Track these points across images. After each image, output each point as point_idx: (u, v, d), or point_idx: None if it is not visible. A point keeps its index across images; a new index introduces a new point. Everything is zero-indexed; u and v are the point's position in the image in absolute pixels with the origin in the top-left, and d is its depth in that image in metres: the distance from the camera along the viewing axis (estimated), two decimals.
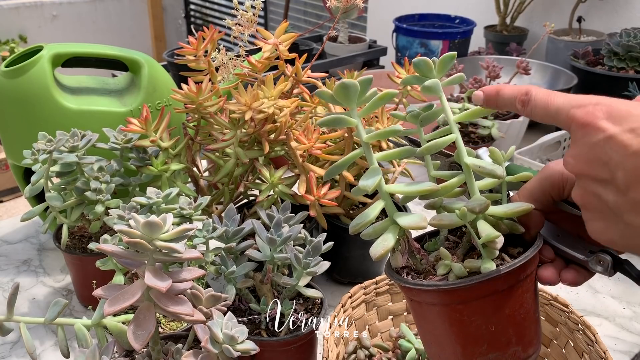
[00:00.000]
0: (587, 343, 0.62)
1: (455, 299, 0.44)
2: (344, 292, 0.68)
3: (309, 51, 1.49)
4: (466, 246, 0.48)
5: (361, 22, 2.64)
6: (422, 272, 0.48)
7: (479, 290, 0.43)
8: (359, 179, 0.77)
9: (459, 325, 0.45)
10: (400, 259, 0.48)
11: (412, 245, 0.48)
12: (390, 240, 0.46)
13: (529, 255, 0.43)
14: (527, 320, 0.46)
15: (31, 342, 0.51)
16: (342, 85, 0.44)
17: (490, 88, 0.44)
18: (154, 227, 0.45)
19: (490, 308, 0.44)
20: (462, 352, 0.46)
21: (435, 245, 0.51)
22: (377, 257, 0.45)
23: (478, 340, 0.45)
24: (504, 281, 0.43)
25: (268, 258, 0.61)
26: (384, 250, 0.45)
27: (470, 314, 0.44)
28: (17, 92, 0.80)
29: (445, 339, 0.47)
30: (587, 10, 1.78)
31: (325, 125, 0.46)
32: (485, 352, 0.45)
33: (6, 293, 0.84)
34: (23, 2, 3.18)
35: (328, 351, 0.59)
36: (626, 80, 1.35)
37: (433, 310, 0.46)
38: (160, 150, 0.77)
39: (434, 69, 0.47)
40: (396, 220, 0.46)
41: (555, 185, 0.44)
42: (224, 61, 0.77)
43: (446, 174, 0.49)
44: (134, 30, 3.70)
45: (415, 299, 0.48)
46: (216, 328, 0.49)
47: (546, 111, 0.40)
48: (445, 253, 0.46)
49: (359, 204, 0.85)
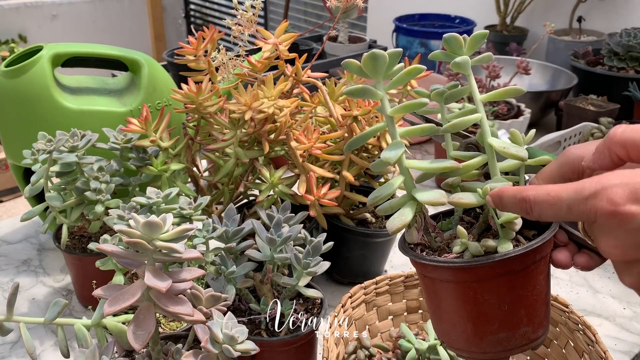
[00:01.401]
0: (587, 343, 0.62)
1: (471, 277, 0.44)
2: (344, 292, 0.68)
3: (309, 51, 1.49)
4: (482, 226, 0.48)
5: (361, 22, 2.64)
6: (436, 250, 0.48)
7: (495, 269, 0.44)
8: (359, 179, 0.78)
9: (472, 303, 0.45)
10: (415, 235, 0.47)
11: (428, 222, 0.48)
12: (407, 215, 0.45)
13: (545, 238, 0.44)
14: (539, 302, 0.46)
15: (31, 342, 0.51)
16: (372, 56, 0.43)
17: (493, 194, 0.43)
18: (153, 227, 0.45)
19: (504, 288, 0.44)
20: (473, 329, 0.46)
21: (450, 225, 0.51)
22: (393, 231, 0.45)
23: (490, 319, 0.45)
24: (520, 261, 0.43)
25: (268, 258, 0.61)
26: (400, 224, 0.45)
27: (484, 292, 0.44)
28: (17, 92, 0.80)
29: (456, 316, 0.47)
30: (587, 10, 1.78)
31: (350, 95, 0.46)
32: (495, 331, 0.45)
33: (6, 293, 0.84)
34: (23, 2, 3.18)
35: (328, 351, 0.59)
36: (626, 80, 1.35)
37: (447, 287, 0.46)
38: (160, 150, 0.77)
39: (464, 46, 0.47)
40: (415, 195, 0.46)
41: (575, 170, 0.44)
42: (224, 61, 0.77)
43: (466, 155, 0.49)
44: (134, 30, 3.70)
45: (429, 275, 0.48)
46: (216, 328, 0.49)
47: (556, 212, 0.38)
48: (462, 231, 0.46)
49: (359, 204, 0.85)
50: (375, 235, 0.80)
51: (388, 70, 0.45)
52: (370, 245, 0.81)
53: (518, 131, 0.48)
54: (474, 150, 0.51)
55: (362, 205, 0.84)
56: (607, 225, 0.36)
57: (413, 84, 0.78)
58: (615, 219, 0.35)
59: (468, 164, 0.47)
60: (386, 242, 0.83)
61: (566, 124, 1.29)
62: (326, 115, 0.79)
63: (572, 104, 1.32)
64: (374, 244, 0.81)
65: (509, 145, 0.45)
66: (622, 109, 1.33)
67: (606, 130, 1.16)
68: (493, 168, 0.46)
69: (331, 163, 0.76)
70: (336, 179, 0.76)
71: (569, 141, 1.18)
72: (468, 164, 0.47)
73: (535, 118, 1.40)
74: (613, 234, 0.36)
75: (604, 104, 1.32)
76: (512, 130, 0.48)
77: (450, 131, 0.47)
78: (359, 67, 0.45)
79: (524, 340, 0.46)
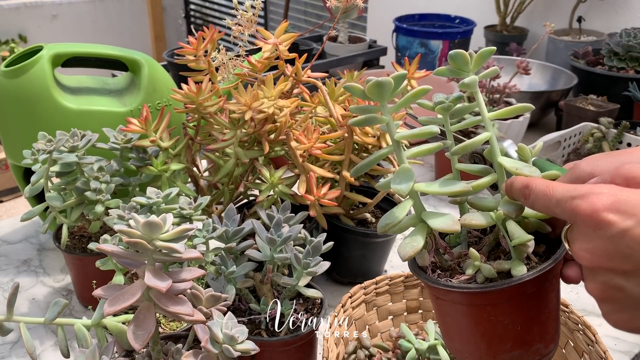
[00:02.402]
0: (587, 343, 0.62)
1: (484, 300, 0.45)
2: (344, 292, 0.68)
3: (309, 51, 1.49)
4: (492, 244, 0.49)
5: (361, 22, 2.64)
6: (447, 269, 0.48)
7: (509, 292, 0.44)
8: (359, 179, 0.78)
9: (485, 325, 0.46)
10: (427, 257, 0.48)
11: (439, 243, 0.48)
12: (419, 241, 0.45)
13: (557, 257, 0.44)
14: (551, 319, 0.47)
15: (31, 342, 0.51)
16: (377, 84, 0.44)
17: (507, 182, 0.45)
18: (154, 227, 0.45)
19: (518, 309, 0.45)
20: (486, 349, 0.47)
21: (457, 239, 0.51)
22: (406, 258, 0.45)
23: (503, 339, 0.46)
24: (533, 284, 0.44)
25: (268, 258, 0.61)
26: (413, 252, 0.45)
27: (497, 314, 0.45)
28: (17, 92, 0.80)
29: (469, 336, 0.47)
30: (587, 10, 1.78)
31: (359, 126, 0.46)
32: (508, 350, 0.46)
33: (6, 293, 0.84)
34: (23, 2, 3.18)
35: (328, 351, 0.59)
36: (626, 80, 1.35)
37: (460, 309, 0.47)
38: (160, 150, 0.77)
39: (470, 63, 0.47)
40: (427, 221, 0.46)
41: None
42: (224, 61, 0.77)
43: (473, 168, 0.49)
44: (134, 30, 3.70)
45: (441, 297, 0.48)
46: (216, 328, 0.49)
47: (547, 203, 0.40)
48: (474, 254, 0.46)
49: (359, 204, 0.85)
50: (375, 235, 0.80)
51: (392, 93, 0.45)
52: (370, 245, 0.81)
53: (526, 147, 0.48)
54: (479, 160, 0.52)
55: (362, 205, 0.84)
56: (583, 228, 0.37)
57: (413, 84, 0.78)
58: (592, 223, 0.36)
59: (478, 184, 0.47)
60: (386, 242, 0.83)
61: (566, 124, 1.29)
62: (326, 115, 0.79)
63: (572, 104, 1.32)
64: (374, 244, 0.81)
65: (521, 165, 0.45)
66: (622, 109, 1.33)
67: (606, 131, 1.16)
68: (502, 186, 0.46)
69: (331, 163, 0.76)
70: (336, 179, 0.76)
71: (569, 141, 1.18)
72: (478, 184, 0.47)
73: (535, 118, 1.40)
74: (587, 237, 0.37)
75: (603, 104, 1.32)
76: (520, 145, 0.48)
77: (460, 153, 0.48)
78: (362, 92, 0.45)
79: (536, 356, 0.46)
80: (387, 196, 0.82)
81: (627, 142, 1.15)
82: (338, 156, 0.74)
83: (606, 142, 1.16)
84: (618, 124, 1.16)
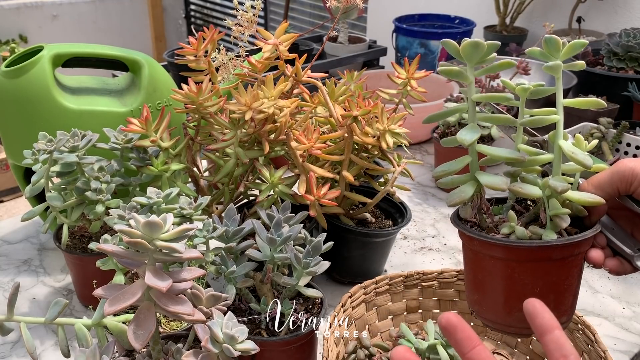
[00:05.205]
0: (586, 343, 0.62)
1: (512, 256, 0.49)
2: (344, 292, 0.68)
3: (309, 51, 1.49)
4: (531, 216, 0.52)
5: (361, 22, 2.64)
6: (484, 229, 0.53)
7: (536, 253, 0.48)
8: (359, 179, 0.78)
9: (508, 280, 0.50)
10: (470, 211, 0.52)
11: (483, 202, 0.53)
12: (468, 192, 0.50)
13: (586, 235, 0.48)
14: (568, 292, 0.50)
15: (31, 341, 0.51)
16: (472, 44, 0.48)
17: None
18: (154, 227, 0.45)
19: (540, 271, 0.49)
20: (503, 303, 0.51)
21: (501, 210, 0.55)
22: (451, 204, 0.51)
23: (520, 297, 0.48)
24: (559, 251, 0.48)
25: (268, 258, 0.61)
26: (459, 200, 0.50)
27: (521, 272, 0.49)
28: (18, 92, 0.81)
29: (491, 289, 0.52)
30: (587, 11, 1.78)
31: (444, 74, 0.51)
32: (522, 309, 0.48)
33: (6, 293, 0.84)
34: (23, 2, 3.18)
35: (328, 351, 0.59)
36: (626, 80, 1.35)
37: (488, 261, 0.51)
38: (160, 150, 0.77)
39: (560, 50, 0.50)
40: (477, 177, 0.50)
41: (624, 179, 0.48)
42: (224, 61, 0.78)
43: (531, 150, 0.52)
44: (135, 31, 3.70)
45: (474, 248, 0.52)
46: (216, 328, 0.49)
47: None
48: (512, 216, 0.50)
49: (358, 204, 0.85)
50: (375, 235, 0.80)
51: (483, 58, 0.49)
52: (370, 245, 0.82)
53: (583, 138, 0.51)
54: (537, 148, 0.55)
55: (362, 205, 0.84)
56: None
57: (413, 84, 0.78)
58: None
59: (536, 158, 0.51)
60: (386, 242, 0.84)
61: (565, 124, 1.29)
62: (326, 115, 0.80)
63: None
64: (374, 243, 0.82)
65: (578, 151, 0.49)
66: (621, 109, 1.33)
67: (605, 131, 1.16)
68: (557, 167, 0.50)
69: (331, 163, 0.76)
70: (336, 179, 0.76)
71: None
72: (535, 159, 0.51)
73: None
74: None
75: None
76: (577, 135, 0.52)
77: (528, 125, 0.52)
78: (457, 50, 0.49)
79: None
80: (387, 196, 0.82)
81: (626, 142, 1.16)
82: (338, 156, 0.74)
83: (605, 142, 1.16)
84: (617, 124, 1.16)
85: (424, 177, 1.18)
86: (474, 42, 0.48)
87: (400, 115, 0.74)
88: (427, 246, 0.97)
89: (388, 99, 0.81)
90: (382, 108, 0.72)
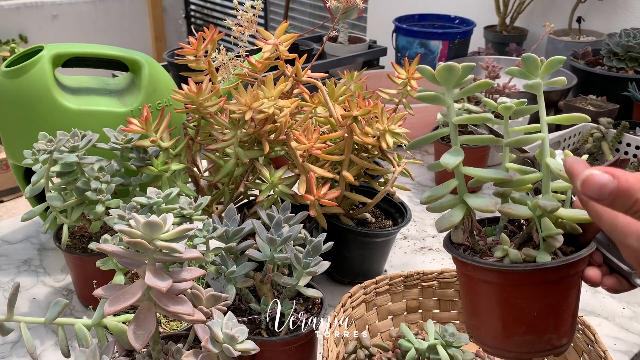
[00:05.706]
0: (586, 343, 0.62)
1: (507, 280, 0.48)
2: (344, 292, 0.68)
3: (309, 51, 1.49)
4: (524, 237, 0.51)
5: (361, 22, 2.64)
6: (477, 252, 0.51)
7: (530, 277, 0.47)
8: (359, 179, 0.78)
9: (504, 305, 0.49)
10: (461, 235, 0.51)
11: (474, 225, 0.51)
12: (457, 217, 0.49)
13: (581, 255, 0.46)
14: (567, 313, 0.49)
15: (31, 341, 0.51)
16: (447, 67, 0.47)
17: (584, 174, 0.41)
18: (154, 227, 0.45)
19: (537, 295, 0.48)
20: (501, 329, 0.49)
21: (493, 231, 0.54)
22: (441, 230, 0.49)
23: (519, 322, 0.48)
24: (554, 273, 0.47)
25: (268, 258, 0.61)
26: (449, 225, 0.49)
27: (517, 296, 0.48)
28: (18, 92, 0.81)
29: (488, 314, 0.50)
30: (587, 11, 1.78)
31: (423, 100, 0.50)
32: (522, 333, 0.48)
33: (6, 293, 0.84)
34: (24, 2, 3.18)
35: (328, 351, 0.59)
36: (626, 80, 1.35)
37: (483, 286, 0.50)
38: (160, 150, 0.77)
39: (539, 68, 0.49)
40: (466, 200, 0.49)
41: None
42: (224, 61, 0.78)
43: (521, 169, 0.51)
44: (135, 31, 3.70)
45: (468, 274, 0.51)
46: (216, 328, 0.49)
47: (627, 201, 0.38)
48: (505, 238, 0.49)
49: (358, 204, 0.85)
50: (375, 235, 0.80)
51: (459, 81, 0.48)
52: (370, 245, 0.82)
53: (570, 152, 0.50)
54: (529, 165, 0.54)
55: (362, 205, 0.84)
56: None
57: (413, 84, 0.78)
58: None
59: (524, 178, 0.50)
60: (386, 242, 0.84)
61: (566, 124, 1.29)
62: (326, 115, 0.80)
63: (572, 104, 1.32)
64: (374, 243, 0.82)
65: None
66: (621, 109, 1.33)
67: (605, 131, 1.16)
68: (546, 186, 0.48)
69: (331, 163, 0.76)
70: (336, 179, 0.76)
71: (568, 141, 1.18)
72: (523, 179, 0.50)
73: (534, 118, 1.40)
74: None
75: (603, 104, 1.32)
76: (566, 152, 0.51)
77: (513, 145, 0.51)
78: (432, 75, 0.48)
79: (548, 346, 0.49)
80: (387, 196, 0.82)
81: (626, 142, 1.16)
82: (338, 156, 0.74)
83: (605, 142, 1.16)
84: (617, 124, 1.16)
85: (424, 177, 1.18)
86: (448, 65, 0.47)
87: (400, 115, 0.74)
88: (427, 246, 0.97)
89: (388, 99, 0.81)
90: (382, 108, 0.72)
